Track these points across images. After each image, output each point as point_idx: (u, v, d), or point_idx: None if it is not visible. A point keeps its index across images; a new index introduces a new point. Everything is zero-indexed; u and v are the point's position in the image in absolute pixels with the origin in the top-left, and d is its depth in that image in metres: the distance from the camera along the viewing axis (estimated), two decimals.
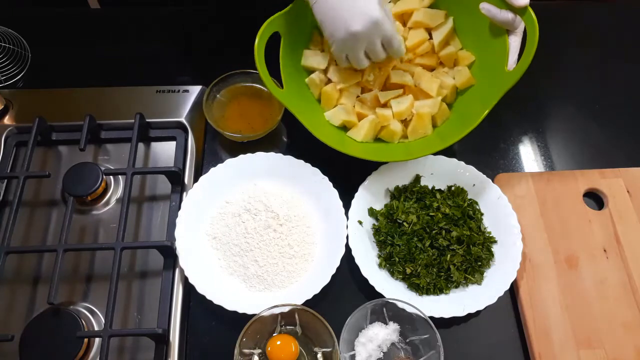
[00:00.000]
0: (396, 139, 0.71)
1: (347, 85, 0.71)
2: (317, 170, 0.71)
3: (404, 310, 0.60)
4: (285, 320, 0.60)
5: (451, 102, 0.72)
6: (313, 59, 0.73)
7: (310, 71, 0.73)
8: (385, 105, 0.71)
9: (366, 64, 0.65)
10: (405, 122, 0.72)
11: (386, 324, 0.61)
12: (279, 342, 0.58)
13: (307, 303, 0.61)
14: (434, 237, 0.67)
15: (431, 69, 0.73)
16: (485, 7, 0.65)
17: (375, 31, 0.59)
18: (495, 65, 0.66)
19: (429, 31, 0.73)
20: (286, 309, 0.58)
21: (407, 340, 0.61)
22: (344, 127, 0.73)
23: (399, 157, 0.70)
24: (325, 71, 0.73)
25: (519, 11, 0.63)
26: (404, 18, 0.74)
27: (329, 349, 0.57)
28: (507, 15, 0.63)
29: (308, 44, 0.74)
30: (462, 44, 0.73)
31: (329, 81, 0.72)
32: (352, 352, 0.60)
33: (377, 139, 0.73)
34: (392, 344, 0.61)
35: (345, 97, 0.72)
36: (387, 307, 0.60)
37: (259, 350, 0.59)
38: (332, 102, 0.72)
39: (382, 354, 0.61)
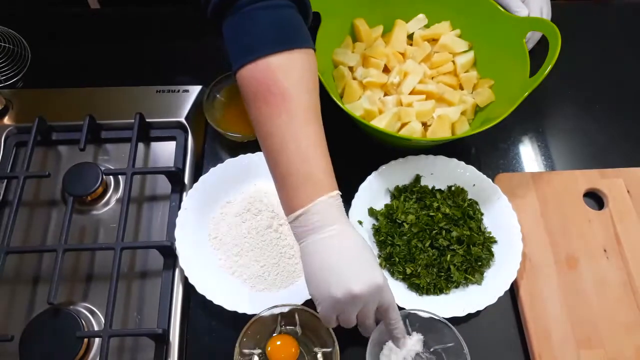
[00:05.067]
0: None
1: (372, 80, 0.74)
2: None
3: (427, 319, 0.59)
4: (285, 320, 0.60)
5: (470, 119, 0.75)
6: (344, 56, 0.77)
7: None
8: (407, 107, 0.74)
9: (353, 325, 0.56)
10: (425, 127, 0.73)
11: (409, 334, 0.60)
12: (279, 343, 0.58)
13: (307, 303, 0.61)
14: (434, 237, 0.67)
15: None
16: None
17: (376, 297, 0.52)
18: (514, 79, 0.71)
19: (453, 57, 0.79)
20: (286, 309, 0.58)
21: (432, 350, 0.60)
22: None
23: (420, 137, 0.71)
24: (352, 69, 0.77)
25: (543, 27, 0.68)
26: (432, 43, 0.80)
27: (329, 349, 0.57)
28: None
29: (340, 42, 0.79)
30: (480, 74, 0.78)
31: (355, 79, 0.76)
32: None
33: None
34: (417, 354, 0.60)
35: (368, 96, 0.74)
36: (410, 318, 0.60)
37: (259, 351, 0.59)
38: (354, 97, 0.74)
39: None
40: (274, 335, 0.60)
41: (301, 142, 0.53)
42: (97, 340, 0.63)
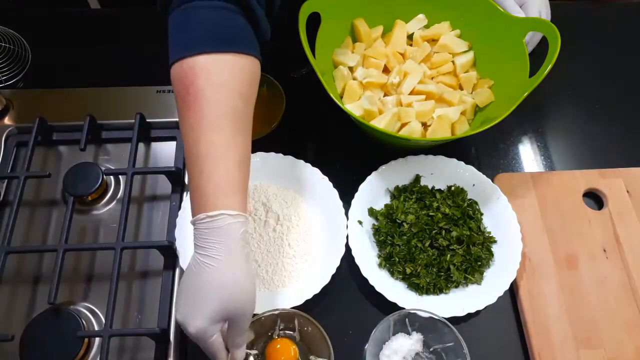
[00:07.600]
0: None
1: (372, 81, 0.74)
2: (317, 171, 0.71)
3: (427, 319, 0.59)
4: (285, 324, 0.60)
5: (470, 119, 0.75)
6: (344, 56, 0.77)
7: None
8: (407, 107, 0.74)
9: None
10: (425, 127, 0.73)
11: (409, 334, 0.61)
12: (279, 346, 0.58)
13: (306, 303, 0.61)
14: (433, 237, 0.67)
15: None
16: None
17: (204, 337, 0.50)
18: (514, 79, 0.71)
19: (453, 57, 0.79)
20: (286, 314, 0.58)
21: (431, 349, 0.61)
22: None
23: (420, 137, 0.71)
24: (352, 69, 0.77)
25: (543, 28, 0.69)
26: (431, 43, 0.80)
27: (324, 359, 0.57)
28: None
29: (340, 42, 0.79)
30: (480, 75, 0.78)
31: (355, 79, 0.76)
32: None
33: None
34: (417, 353, 0.60)
35: (368, 96, 0.74)
36: (410, 318, 0.60)
37: (255, 351, 0.59)
38: (355, 97, 0.74)
39: None
40: (273, 338, 0.60)
41: (200, 149, 0.49)
42: (97, 340, 0.63)
